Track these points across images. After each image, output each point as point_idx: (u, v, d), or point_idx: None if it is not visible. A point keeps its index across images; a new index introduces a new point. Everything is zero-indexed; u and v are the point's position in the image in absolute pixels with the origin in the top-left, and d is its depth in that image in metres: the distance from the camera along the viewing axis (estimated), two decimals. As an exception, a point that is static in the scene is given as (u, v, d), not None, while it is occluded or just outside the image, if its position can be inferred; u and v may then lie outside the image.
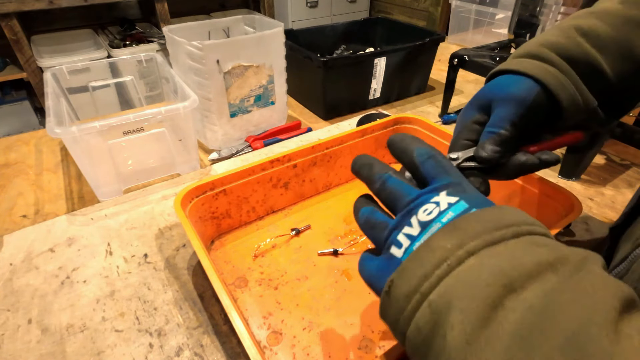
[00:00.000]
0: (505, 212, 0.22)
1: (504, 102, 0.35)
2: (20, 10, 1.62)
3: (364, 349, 0.40)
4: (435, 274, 0.20)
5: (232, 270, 0.49)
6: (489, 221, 0.21)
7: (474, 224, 0.21)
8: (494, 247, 0.20)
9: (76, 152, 0.56)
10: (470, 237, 0.21)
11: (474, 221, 0.22)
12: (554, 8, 0.74)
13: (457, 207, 0.23)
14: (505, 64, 0.38)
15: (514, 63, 0.37)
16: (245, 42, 0.66)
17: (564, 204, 0.46)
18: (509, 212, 0.22)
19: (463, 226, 0.21)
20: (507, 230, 0.21)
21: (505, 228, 0.21)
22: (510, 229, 0.21)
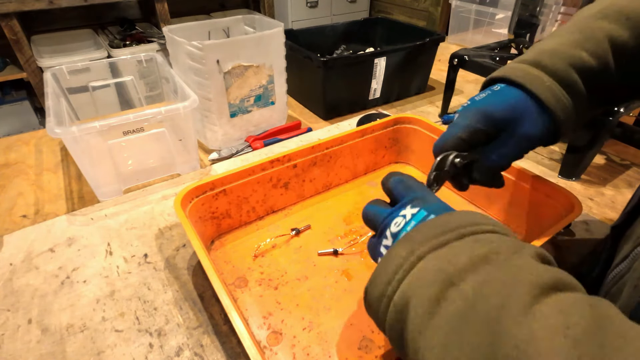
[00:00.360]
0: (455, 216, 0.26)
1: (516, 140, 0.35)
2: (20, 10, 1.62)
3: (364, 349, 0.40)
4: (395, 279, 0.24)
5: (232, 270, 0.49)
6: (438, 227, 0.25)
7: (425, 231, 0.25)
8: (439, 250, 0.24)
9: (76, 152, 0.56)
10: (420, 243, 0.25)
11: (425, 229, 0.25)
12: (554, 8, 0.74)
13: (418, 216, 0.27)
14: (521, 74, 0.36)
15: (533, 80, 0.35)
16: (245, 42, 0.66)
17: (564, 204, 0.46)
18: (458, 216, 0.26)
19: (415, 235, 0.25)
20: (452, 234, 0.24)
21: (451, 232, 0.25)
22: (455, 232, 0.25)
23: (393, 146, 0.66)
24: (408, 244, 0.25)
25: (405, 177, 0.33)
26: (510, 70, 0.37)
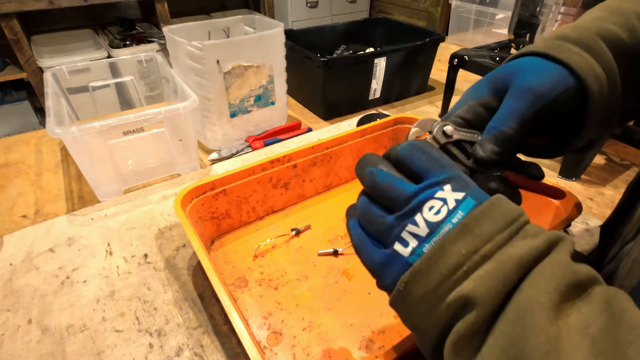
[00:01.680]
0: (505, 205, 0.23)
1: (520, 93, 0.29)
2: (20, 10, 1.62)
3: (364, 349, 0.40)
4: (451, 280, 0.21)
5: (232, 270, 0.49)
6: (497, 220, 0.22)
7: (485, 224, 0.22)
8: (504, 249, 0.21)
9: (76, 152, 0.56)
10: (484, 240, 0.21)
11: (484, 221, 0.22)
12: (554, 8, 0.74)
13: (466, 205, 0.23)
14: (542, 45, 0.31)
15: (551, 46, 0.30)
16: (245, 42, 0.66)
17: (564, 204, 0.46)
18: (507, 204, 0.23)
19: (475, 229, 0.22)
20: (512, 227, 0.22)
21: (510, 225, 0.22)
22: (514, 225, 0.22)
23: (393, 146, 0.66)
24: (469, 239, 0.22)
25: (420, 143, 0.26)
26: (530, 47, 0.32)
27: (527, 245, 0.21)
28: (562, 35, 0.31)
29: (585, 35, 0.30)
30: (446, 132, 0.30)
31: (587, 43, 0.30)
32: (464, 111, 0.31)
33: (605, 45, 0.30)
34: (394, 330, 0.42)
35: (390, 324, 0.42)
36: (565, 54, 0.29)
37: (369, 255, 0.26)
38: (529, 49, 0.32)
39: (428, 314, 0.22)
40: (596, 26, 0.31)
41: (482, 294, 0.20)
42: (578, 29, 0.31)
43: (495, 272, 0.21)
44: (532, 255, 0.21)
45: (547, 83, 0.29)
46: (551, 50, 0.30)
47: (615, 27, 0.31)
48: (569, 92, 0.29)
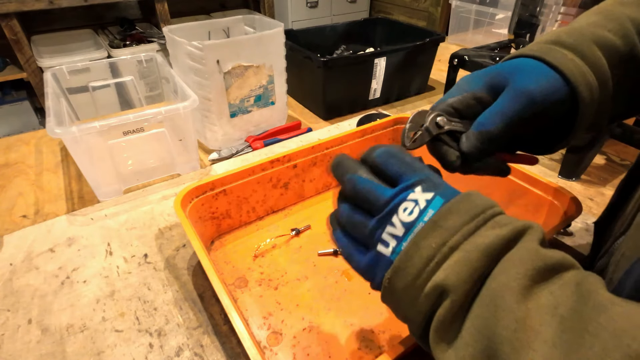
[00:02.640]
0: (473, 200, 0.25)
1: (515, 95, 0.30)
2: (20, 10, 1.62)
3: (364, 349, 0.40)
4: (426, 271, 0.24)
5: (232, 270, 0.49)
6: (463, 214, 0.24)
7: (452, 219, 0.24)
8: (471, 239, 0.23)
9: (76, 152, 0.56)
10: (451, 233, 0.23)
11: (451, 216, 0.24)
12: (554, 8, 0.74)
13: (435, 204, 0.25)
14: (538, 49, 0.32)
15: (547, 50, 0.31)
16: (245, 42, 0.66)
17: (564, 204, 0.46)
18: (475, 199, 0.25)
19: (443, 223, 0.24)
20: (479, 219, 0.24)
21: (477, 217, 0.24)
22: (481, 217, 0.24)
23: (393, 146, 0.66)
24: (438, 234, 0.23)
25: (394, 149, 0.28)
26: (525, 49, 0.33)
27: (494, 234, 0.23)
28: (558, 40, 0.32)
29: (580, 42, 0.31)
30: (439, 123, 0.31)
31: (582, 50, 0.31)
32: (457, 102, 0.32)
33: (600, 51, 0.31)
34: (394, 330, 0.42)
35: (390, 324, 0.42)
36: (560, 60, 0.30)
37: (356, 261, 0.28)
38: (526, 51, 0.32)
39: (412, 304, 0.24)
40: (591, 32, 0.31)
41: (453, 281, 0.22)
42: (574, 34, 0.32)
43: (463, 260, 0.23)
44: (498, 244, 0.23)
45: (543, 89, 0.29)
46: (548, 55, 0.30)
47: (610, 33, 0.31)
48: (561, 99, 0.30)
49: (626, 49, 0.31)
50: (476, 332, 0.22)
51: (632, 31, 0.31)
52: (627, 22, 0.32)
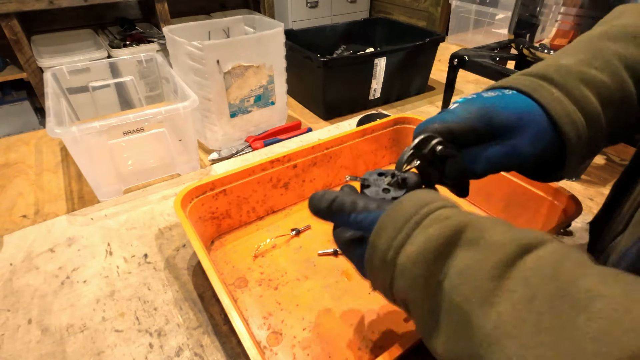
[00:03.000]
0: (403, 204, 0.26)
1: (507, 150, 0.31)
2: (20, 10, 1.62)
3: (364, 349, 0.40)
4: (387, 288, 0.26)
5: (232, 270, 0.49)
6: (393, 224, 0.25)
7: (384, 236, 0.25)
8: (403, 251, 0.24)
9: (76, 152, 0.56)
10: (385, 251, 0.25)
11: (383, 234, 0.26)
12: (554, 8, 0.74)
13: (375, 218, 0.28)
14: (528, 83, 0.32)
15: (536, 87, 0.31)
16: (245, 42, 0.66)
17: (564, 204, 0.46)
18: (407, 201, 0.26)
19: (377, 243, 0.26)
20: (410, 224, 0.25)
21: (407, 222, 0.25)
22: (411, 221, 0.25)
23: (393, 146, 0.66)
24: (376, 254, 0.26)
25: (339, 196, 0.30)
26: (514, 81, 0.33)
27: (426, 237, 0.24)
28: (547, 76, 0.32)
29: (567, 81, 0.31)
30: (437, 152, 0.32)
31: (569, 89, 0.31)
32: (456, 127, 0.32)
33: (588, 90, 0.31)
34: (394, 330, 0.42)
35: (391, 323, 0.42)
36: (547, 98, 0.30)
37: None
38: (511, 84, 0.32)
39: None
40: (579, 71, 0.31)
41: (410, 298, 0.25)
42: (561, 71, 0.32)
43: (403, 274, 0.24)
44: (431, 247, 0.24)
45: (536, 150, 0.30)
46: (535, 92, 0.31)
47: (597, 71, 0.31)
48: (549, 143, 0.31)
49: (615, 85, 0.31)
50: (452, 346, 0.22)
51: (620, 68, 0.31)
52: (614, 59, 0.31)
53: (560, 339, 0.17)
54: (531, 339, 0.18)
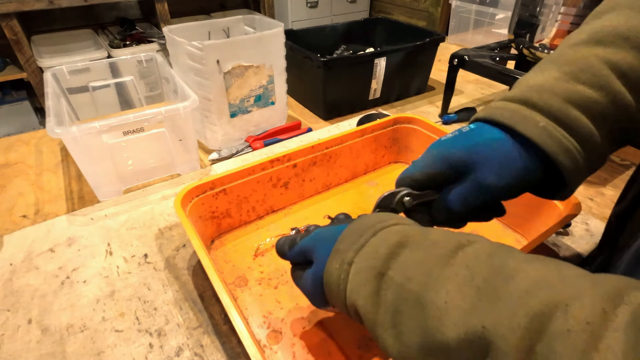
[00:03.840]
0: (363, 220, 0.30)
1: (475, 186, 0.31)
2: (20, 10, 1.62)
3: (364, 348, 0.40)
4: (340, 290, 0.28)
5: (232, 269, 0.49)
6: (354, 232, 0.29)
7: (345, 240, 0.29)
8: (362, 250, 0.28)
9: (76, 152, 0.56)
10: (345, 252, 0.28)
11: (345, 239, 0.29)
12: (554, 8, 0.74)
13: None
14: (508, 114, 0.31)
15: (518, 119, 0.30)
16: (245, 42, 0.66)
17: (564, 204, 0.46)
18: (366, 219, 0.30)
19: (339, 246, 0.29)
20: (368, 233, 0.28)
21: (366, 231, 0.28)
22: (369, 231, 0.28)
23: (393, 146, 0.66)
24: (337, 256, 0.29)
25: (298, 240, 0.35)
26: (496, 110, 0.32)
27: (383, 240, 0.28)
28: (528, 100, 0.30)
29: (552, 103, 0.29)
30: (405, 204, 0.34)
31: (554, 113, 0.29)
32: (421, 177, 0.34)
33: (577, 110, 0.29)
34: (394, 329, 0.42)
35: (390, 323, 0.42)
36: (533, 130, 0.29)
37: None
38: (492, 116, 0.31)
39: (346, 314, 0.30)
40: (564, 90, 0.30)
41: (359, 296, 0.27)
42: (543, 93, 0.30)
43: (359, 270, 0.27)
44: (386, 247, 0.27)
45: (507, 182, 0.30)
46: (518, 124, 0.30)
47: (585, 87, 0.29)
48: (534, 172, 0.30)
49: (607, 100, 0.29)
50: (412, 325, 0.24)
51: (611, 78, 0.29)
52: (604, 69, 0.29)
53: (495, 302, 0.21)
54: (473, 305, 0.21)
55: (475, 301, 0.22)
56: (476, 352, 0.21)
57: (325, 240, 0.32)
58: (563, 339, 0.18)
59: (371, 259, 0.27)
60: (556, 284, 0.20)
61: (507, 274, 0.22)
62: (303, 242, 0.34)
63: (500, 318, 0.20)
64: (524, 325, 0.19)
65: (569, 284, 0.20)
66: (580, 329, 0.18)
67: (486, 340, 0.20)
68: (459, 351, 0.21)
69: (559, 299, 0.19)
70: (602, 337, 0.17)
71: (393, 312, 0.25)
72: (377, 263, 0.26)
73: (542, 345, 0.18)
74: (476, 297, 0.22)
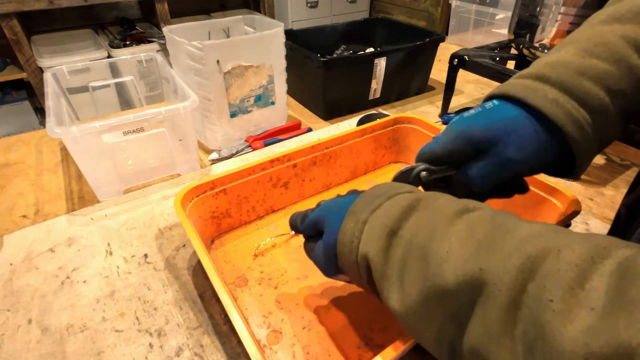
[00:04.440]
0: (378, 188, 0.32)
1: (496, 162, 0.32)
2: (20, 10, 1.62)
3: (364, 347, 0.40)
4: (353, 246, 0.30)
5: (232, 269, 0.49)
6: (369, 197, 0.31)
7: (361, 203, 0.31)
8: (376, 211, 0.29)
9: (76, 152, 0.56)
10: (360, 212, 0.30)
11: (360, 202, 0.31)
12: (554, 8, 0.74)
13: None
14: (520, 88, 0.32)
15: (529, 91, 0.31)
16: (245, 42, 0.66)
17: (564, 204, 0.46)
18: (381, 187, 0.32)
19: (354, 208, 0.31)
20: (382, 197, 0.30)
21: (380, 197, 0.30)
22: (384, 196, 0.30)
23: (393, 146, 0.66)
24: (352, 216, 0.30)
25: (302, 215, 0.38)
26: (508, 86, 0.33)
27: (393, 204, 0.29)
28: (541, 75, 0.31)
29: (564, 78, 0.30)
30: (422, 178, 0.35)
31: (566, 85, 0.30)
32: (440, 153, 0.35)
33: (590, 82, 0.30)
34: (393, 328, 0.42)
35: (390, 322, 0.42)
36: (541, 101, 0.30)
37: None
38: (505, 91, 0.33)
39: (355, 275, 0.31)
40: (578, 63, 0.31)
41: (370, 248, 0.28)
42: (557, 67, 0.31)
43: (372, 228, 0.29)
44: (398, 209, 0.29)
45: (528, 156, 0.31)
46: (528, 97, 0.31)
47: (599, 60, 0.30)
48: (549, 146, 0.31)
49: (622, 72, 0.30)
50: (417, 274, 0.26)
51: (627, 52, 0.30)
52: (619, 43, 0.30)
53: (493, 250, 0.23)
54: (472, 254, 0.23)
55: (475, 251, 0.23)
56: (471, 292, 0.22)
57: (334, 210, 0.34)
58: (552, 277, 0.20)
59: (384, 218, 0.28)
60: (551, 235, 0.22)
61: (506, 228, 0.24)
62: (313, 214, 0.36)
63: (497, 261, 0.22)
64: (518, 266, 0.21)
65: (563, 236, 0.22)
66: (569, 269, 0.19)
67: (481, 280, 0.22)
68: (456, 293, 0.23)
69: (552, 246, 0.21)
70: (588, 279, 0.19)
71: (400, 266, 0.27)
72: (389, 222, 0.28)
73: (534, 284, 0.20)
74: (476, 248, 0.23)
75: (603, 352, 0.17)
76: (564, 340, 0.18)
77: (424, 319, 0.25)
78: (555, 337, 0.18)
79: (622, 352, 0.16)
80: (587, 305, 0.18)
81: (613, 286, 0.18)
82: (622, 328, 0.16)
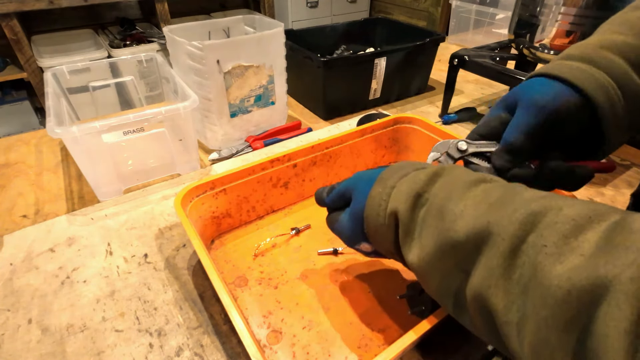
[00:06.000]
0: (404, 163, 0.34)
1: (525, 108, 0.34)
2: (20, 10, 1.62)
3: (364, 347, 0.40)
4: (381, 207, 0.32)
5: (232, 269, 0.49)
6: (397, 168, 0.33)
7: (390, 172, 0.33)
8: (404, 178, 0.32)
9: (76, 152, 0.56)
10: (389, 179, 0.33)
11: (389, 171, 0.33)
12: (554, 8, 0.74)
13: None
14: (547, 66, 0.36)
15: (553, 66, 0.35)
16: (245, 42, 0.66)
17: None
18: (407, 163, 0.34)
19: (383, 175, 0.33)
20: (410, 168, 0.33)
21: (407, 168, 0.33)
22: (411, 167, 0.33)
23: (393, 146, 0.66)
24: (382, 183, 0.33)
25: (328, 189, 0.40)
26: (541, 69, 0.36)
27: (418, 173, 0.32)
28: (566, 55, 0.35)
29: (586, 51, 0.33)
30: (459, 148, 0.37)
31: (588, 56, 0.33)
32: (481, 127, 0.38)
33: (610, 53, 0.33)
34: (393, 328, 0.42)
35: (390, 322, 0.42)
36: (562, 69, 0.33)
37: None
38: (536, 71, 0.36)
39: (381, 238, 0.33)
40: (598, 40, 0.34)
41: (398, 203, 0.31)
42: (581, 46, 0.35)
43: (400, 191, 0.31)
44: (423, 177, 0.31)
45: (549, 99, 0.33)
46: (552, 70, 0.34)
47: (620, 35, 0.33)
48: (573, 104, 0.33)
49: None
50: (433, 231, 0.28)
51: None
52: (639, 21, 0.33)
53: (502, 208, 0.25)
54: (483, 213, 0.26)
55: (486, 210, 0.26)
56: (478, 242, 0.25)
57: (364, 178, 0.36)
58: (550, 228, 0.22)
59: (412, 182, 0.31)
60: (556, 197, 0.24)
61: (516, 192, 0.26)
62: (343, 184, 0.38)
63: (503, 215, 0.24)
64: (521, 219, 0.23)
65: (568, 200, 0.24)
66: (566, 221, 0.22)
67: (488, 231, 0.24)
68: (465, 245, 0.25)
69: (554, 205, 0.23)
70: (582, 232, 0.21)
71: (421, 224, 0.29)
72: (416, 186, 0.30)
73: (534, 235, 0.22)
74: (487, 208, 0.26)
75: (582, 284, 0.19)
76: (551, 276, 0.20)
77: (435, 269, 0.28)
78: (544, 275, 0.21)
79: (599, 284, 0.18)
80: (578, 253, 0.20)
81: (603, 239, 0.20)
82: (601, 265, 0.19)
